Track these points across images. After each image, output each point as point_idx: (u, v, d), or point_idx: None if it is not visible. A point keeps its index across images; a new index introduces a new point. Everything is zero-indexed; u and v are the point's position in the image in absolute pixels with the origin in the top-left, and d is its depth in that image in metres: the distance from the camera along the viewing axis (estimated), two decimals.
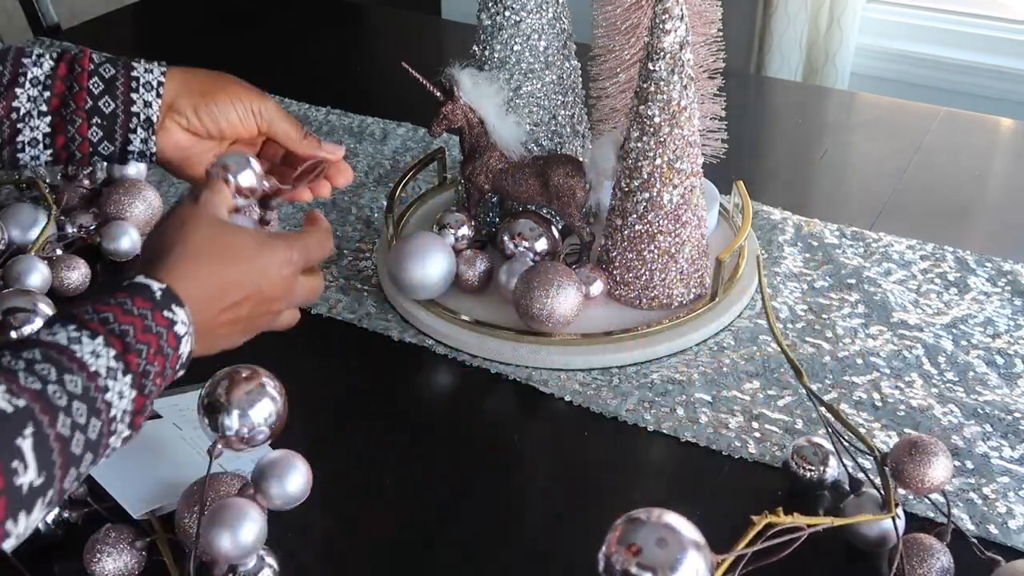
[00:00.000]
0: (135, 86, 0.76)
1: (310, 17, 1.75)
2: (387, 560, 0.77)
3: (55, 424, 0.53)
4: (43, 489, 0.52)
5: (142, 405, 0.59)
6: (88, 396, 0.55)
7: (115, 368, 0.57)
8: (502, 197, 1.04)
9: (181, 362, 0.62)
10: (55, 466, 0.53)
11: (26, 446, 0.51)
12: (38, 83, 0.74)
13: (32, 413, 0.52)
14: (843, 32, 2.05)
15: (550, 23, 0.99)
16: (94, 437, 0.56)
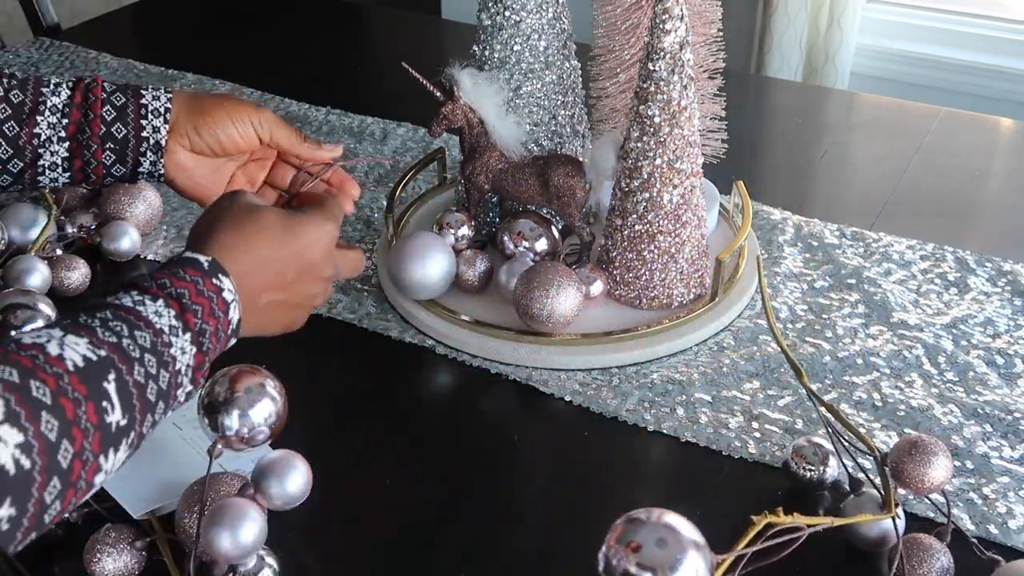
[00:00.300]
0: (144, 112, 0.82)
1: (310, 17, 1.75)
2: (387, 560, 0.77)
3: (132, 372, 0.59)
4: (127, 430, 0.58)
5: (201, 362, 0.65)
6: (156, 350, 0.61)
7: (176, 326, 0.63)
8: (502, 197, 1.04)
9: (232, 328, 0.67)
10: (135, 409, 0.59)
11: (111, 389, 0.57)
12: (56, 111, 0.80)
13: (113, 362, 0.58)
14: (843, 32, 2.05)
15: (550, 23, 0.99)
16: (164, 387, 0.61)
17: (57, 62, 1.56)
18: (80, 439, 0.54)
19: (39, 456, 0.52)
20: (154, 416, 0.61)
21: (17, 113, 0.80)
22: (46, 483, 0.52)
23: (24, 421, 0.51)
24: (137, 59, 1.56)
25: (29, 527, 0.53)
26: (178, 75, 1.51)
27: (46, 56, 1.58)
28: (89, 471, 0.55)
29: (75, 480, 0.54)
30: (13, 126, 0.80)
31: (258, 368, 0.72)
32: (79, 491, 0.56)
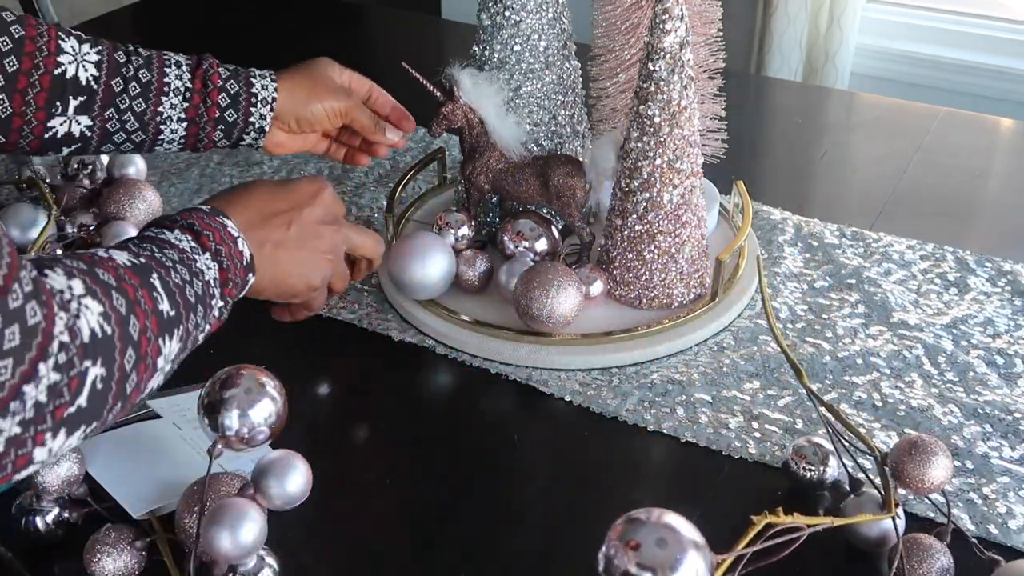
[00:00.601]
0: (254, 101, 0.92)
1: (310, 17, 1.75)
2: (387, 560, 0.77)
3: (170, 275, 0.66)
4: (176, 321, 0.65)
5: (225, 278, 0.72)
6: (185, 263, 0.69)
7: (195, 247, 0.70)
8: (502, 197, 1.04)
9: (246, 260, 0.74)
10: (180, 305, 0.66)
11: (157, 283, 0.64)
12: (179, 93, 0.90)
13: (152, 266, 0.65)
14: (843, 32, 2.05)
15: (550, 23, 0.99)
16: (199, 292, 0.69)
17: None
18: (143, 318, 0.61)
19: (116, 326, 0.58)
20: (195, 317, 0.68)
21: (145, 92, 0.88)
22: (124, 350, 0.58)
23: (100, 295, 0.58)
24: None
25: (116, 392, 0.58)
26: None
27: None
28: (153, 350, 0.62)
29: (144, 355, 0.60)
30: (141, 103, 0.88)
31: (258, 368, 0.72)
32: (148, 368, 0.61)
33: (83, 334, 0.55)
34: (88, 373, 0.55)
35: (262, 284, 0.77)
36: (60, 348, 0.52)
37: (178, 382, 0.76)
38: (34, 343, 0.51)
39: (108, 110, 0.88)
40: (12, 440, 0.51)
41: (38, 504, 0.76)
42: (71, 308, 0.55)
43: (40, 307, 0.52)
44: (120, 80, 0.88)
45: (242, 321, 0.77)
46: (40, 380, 0.51)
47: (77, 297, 0.56)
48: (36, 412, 0.52)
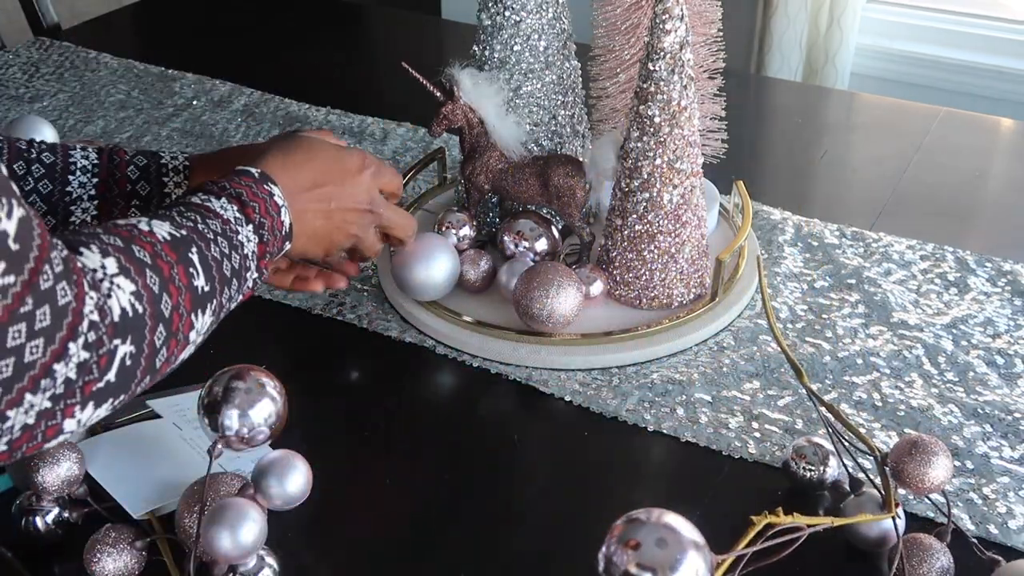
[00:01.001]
0: (165, 171, 0.89)
1: (310, 17, 1.75)
2: (387, 560, 0.77)
3: (209, 249, 0.67)
4: (210, 296, 0.66)
5: (263, 251, 0.73)
6: (226, 234, 0.69)
7: (239, 218, 0.71)
8: (502, 197, 1.04)
9: (284, 230, 0.76)
10: (215, 280, 0.67)
11: (195, 259, 0.65)
12: (86, 171, 0.87)
13: (193, 239, 0.66)
14: (843, 32, 2.05)
15: (550, 23, 0.99)
16: (236, 266, 0.70)
17: (57, 62, 1.56)
18: (176, 295, 0.62)
19: (148, 304, 0.59)
20: (230, 290, 0.69)
21: (50, 172, 0.86)
22: (155, 328, 0.60)
23: (134, 275, 0.59)
24: (137, 59, 1.56)
25: (145, 368, 0.59)
26: (178, 75, 1.51)
27: (46, 56, 1.58)
28: (185, 325, 0.63)
29: (175, 330, 0.62)
30: (47, 184, 0.86)
31: (258, 368, 0.72)
32: (179, 343, 0.63)
33: (114, 313, 0.56)
34: (118, 351, 0.56)
35: (293, 250, 0.80)
36: (90, 327, 0.54)
37: (178, 382, 0.76)
38: (64, 323, 0.52)
39: None
40: (43, 413, 0.53)
41: (38, 504, 0.76)
42: (102, 287, 0.56)
43: (71, 287, 0.53)
44: (22, 163, 0.85)
45: (242, 321, 0.77)
46: (70, 358, 0.53)
47: (110, 276, 0.57)
48: (66, 388, 0.53)
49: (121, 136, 1.36)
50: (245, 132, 1.36)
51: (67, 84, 1.50)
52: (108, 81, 1.50)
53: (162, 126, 1.38)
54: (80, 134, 1.36)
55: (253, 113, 1.41)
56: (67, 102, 1.45)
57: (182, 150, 0.92)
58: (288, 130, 0.88)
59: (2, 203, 0.48)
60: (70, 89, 1.48)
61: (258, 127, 1.37)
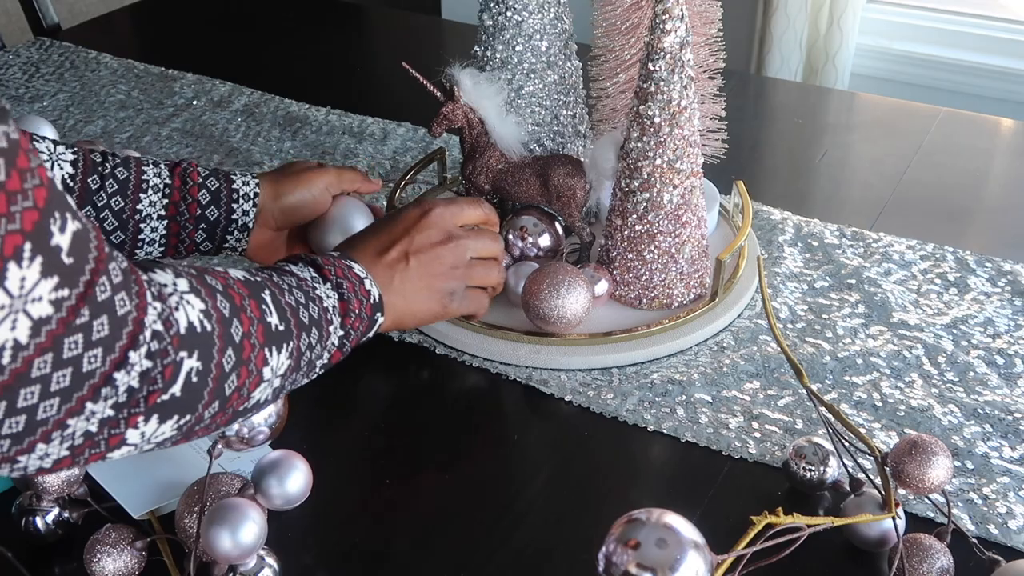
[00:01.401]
0: (236, 197, 0.91)
1: (310, 17, 1.75)
2: (387, 560, 0.77)
3: (283, 296, 0.68)
4: (285, 336, 0.66)
5: (346, 309, 0.74)
6: (303, 288, 0.70)
7: (316, 277, 0.73)
8: (502, 197, 1.04)
9: (373, 300, 0.77)
10: (291, 323, 0.67)
11: (268, 299, 0.66)
12: (158, 190, 0.89)
13: (266, 285, 0.67)
14: (843, 33, 2.05)
15: (551, 23, 0.99)
16: (316, 316, 0.70)
17: (57, 62, 1.56)
18: (247, 324, 0.62)
19: (217, 324, 0.59)
20: (310, 339, 0.69)
21: (123, 188, 0.87)
22: (224, 349, 0.59)
23: (204, 295, 0.59)
24: (137, 59, 1.56)
25: (213, 389, 0.59)
26: (178, 75, 1.51)
27: (46, 56, 1.58)
28: (258, 357, 0.63)
29: (246, 359, 0.61)
30: (119, 200, 0.87)
31: None
32: (251, 375, 0.62)
33: (180, 325, 0.56)
34: (183, 364, 0.56)
35: (397, 319, 0.81)
36: (153, 336, 0.54)
37: None
38: (124, 332, 0.52)
39: (85, 207, 0.86)
40: (105, 422, 0.53)
41: (38, 504, 0.76)
42: (170, 301, 0.56)
43: (130, 297, 0.53)
44: (97, 177, 0.87)
45: None
46: (132, 367, 0.53)
47: (180, 292, 0.58)
48: (129, 397, 0.53)
49: (121, 136, 1.36)
50: (245, 132, 1.36)
51: (67, 84, 1.50)
52: (108, 81, 1.50)
53: (162, 126, 1.38)
54: (80, 134, 1.36)
55: (253, 113, 1.41)
56: (67, 102, 1.45)
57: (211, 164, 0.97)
58: None
59: (55, 217, 0.48)
60: (70, 89, 1.48)
61: (258, 127, 1.37)
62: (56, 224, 0.48)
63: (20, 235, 0.46)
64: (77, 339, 0.49)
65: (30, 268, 0.47)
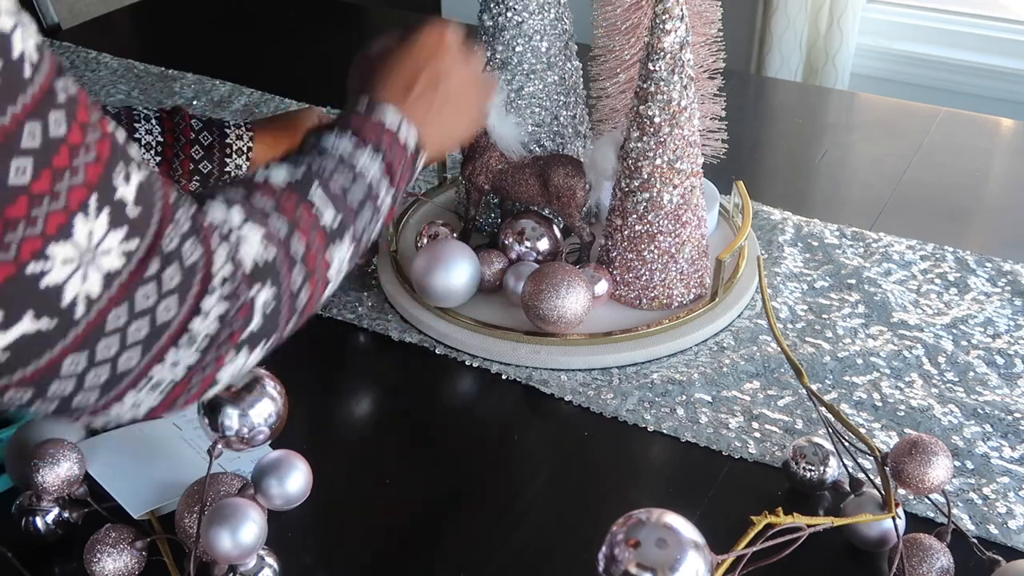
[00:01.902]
0: (229, 152, 0.91)
1: (310, 17, 1.75)
2: (387, 560, 0.77)
3: (329, 185, 0.66)
4: (343, 228, 0.66)
5: (391, 170, 0.72)
6: (345, 168, 0.68)
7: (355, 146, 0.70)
8: (502, 197, 1.04)
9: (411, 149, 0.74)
10: (345, 211, 0.66)
11: (318, 196, 0.64)
12: (150, 148, 0.88)
13: (312, 178, 0.66)
14: (843, 33, 2.05)
15: (552, 24, 0.99)
16: (362, 196, 0.68)
17: None
18: (306, 235, 0.62)
19: (279, 248, 0.59)
20: (364, 218, 0.68)
21: None
22: (291, 269, 0.60)
23: (259, 222, 0.59)
24: (137, 59, 1.56)
25: (289, 310, 0.60)
26: (178, 75, 1.51)
27: None
28: (322, 264, 0.63)
29: (312, 270, 0.62)
30: None
31: (258, 368, 0.72)
32: (319, 282, 0.63)
33: (246, 264, 0.56)
34: (257, 298, 0.57)
35: (437, 149, 0.79)
36: (223, 281, 0.54)
37: None
38: (195, 280, 0.53)
39: None
40: (193, 367, 0.54)
41: (38, 504, 0.76)
42: (231, 239, 0.56)
43: (198, 244, 0.53)
44: None
45: None
46: (208, 313, 0.53)
47: (236, 227, 0.57)
48: (211, 342, 0.54)
49: None
50: None
51: None
52: (108, 81, 1.50)
53: None
54: None
55: (253, 113, 1.41)
56: None
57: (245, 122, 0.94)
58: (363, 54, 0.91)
59: (119, 169, 0.49)
60: None
61: None
62: (120, 175, 0.49)
63: (85, 188, 0.46)
64: (149, 290, 0.50)
65: (97, 220, 0.47)
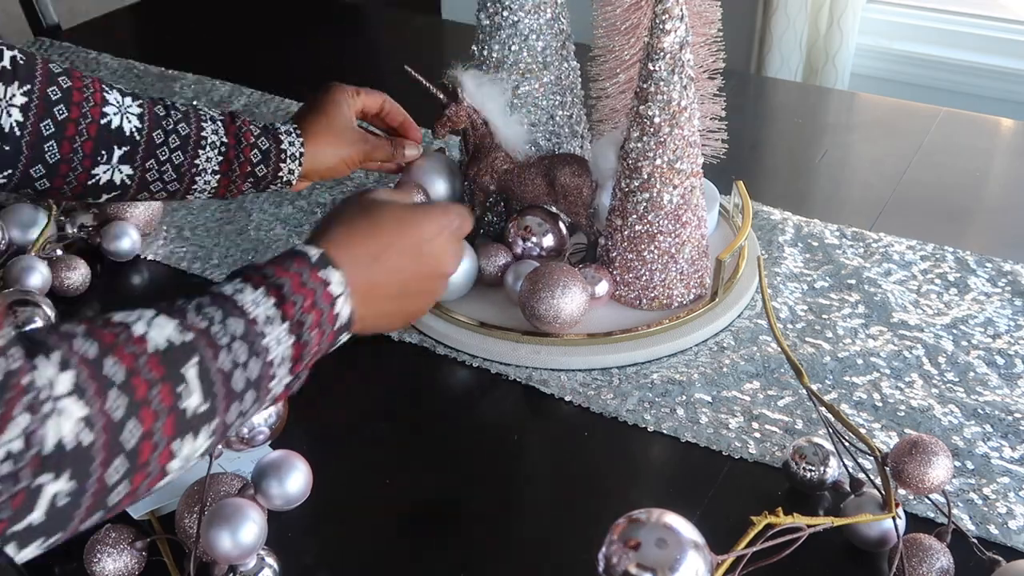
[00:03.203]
0: (283, 158, 0.96)
1: (310, 17, 1.75)
2: (387, 560, 0.77)
3: (217, 359, 0.58)
4: (207, 417, 0.58)
5: (300, 353, 0.64)
6: (248, 339, 0.60)
7: (272, 316, 0.62)
8: (508, 197, 1.04)
9: (340, 322, 0.67)
10: (218, 397, 0.58)
11: (191, 374, 0.56)
12: (215, 147, 0.93)
13: (198, 347, 0.58)
14: (843, 33, 2.05)
15: (548, 23, 0.99)
16: (254, 377, 0.61)
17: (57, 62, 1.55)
18: (150, 421, 0.54)
19: (103, 432, 0.51)
20: (241, 406, 0.60)
21: (184, 144, 0.92)
22: (109, 460, 0.52)
23: (91, 396, 0.51)
24: (137, 59, 1.56)
25: (92, 505, 0.52)
26: (178, 75, 1.51)
27: (46, 56, 1.57)
28: (160, 456, 0.55)
29: (143, 463, 0.54)
30: (180, 155, 0.92)
31: None
32: (151, 476, 0.55)
33: (45, 444, 0.48)
34: (45, 488, 0.49)
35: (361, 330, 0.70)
36: (5, 456, 0.47)
37: None
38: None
39: (149, 160, 0.91)
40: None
41: None
42: (41, 410, 0.49)
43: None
44: (161, 132, 0.91)
45: None
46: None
47: (56, 398, 0.49)
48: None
49: None
50: None
51: None
52: (108, 81, 1.50)
53: None
54: None
55: (253, 113, 1.41)
56: None
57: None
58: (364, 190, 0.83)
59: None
60: None
61: None
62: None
63: None
64: None
65: None
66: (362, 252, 0.69)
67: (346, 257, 0.67)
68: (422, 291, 0.75)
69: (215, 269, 1.09)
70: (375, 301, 0.70)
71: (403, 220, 0.72)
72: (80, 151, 0.88)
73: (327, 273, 0.66)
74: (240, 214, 1.18)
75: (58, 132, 0.86)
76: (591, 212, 1.00)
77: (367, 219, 0.71)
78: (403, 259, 0.72)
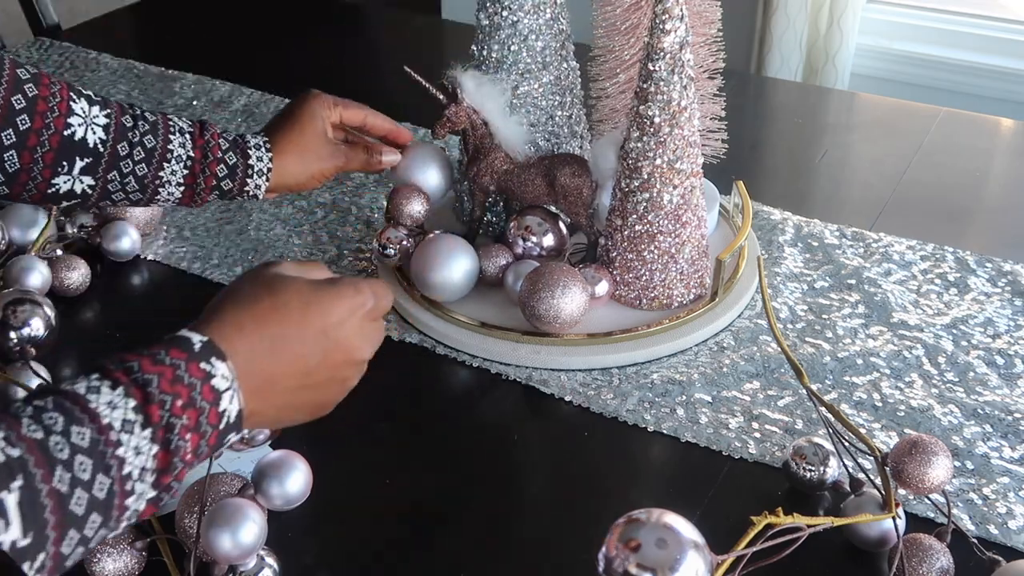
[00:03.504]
0: (250, 173, 0.95)
1: (310, 17, 1.75)
2: (387, 560, 0.77)
3: (50, 479, 0.49)
4: (31, 551, 0.48)
5: (168, 462, 0.55)
6: (96, 450, 0.52)
7: (132, 421, 0.53)
8: (508, 198, 1.04)
9: (227, 421, 0.58)
10: (46, 525, 0.49)
11: (10, 501, 0.47)
12: (180, 161, 0.92)
13: (25, 465, 0.49)
14: (843, 33, 2.05)
15: (548, 24, 0.99)
16: (101, 496, 0.52)
17: (57, 62, 1.56)
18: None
19: None
20: (82, 532, 0.51)
21: (148, 158, 0.91)
22: None
23: None
24: (137, 59, 1.56)
25: None
26: (178, 75, 1.51)
27: (46, 56, 1.58)
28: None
29: None
30: (143, 167, 0.91)
31: None
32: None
33: None
34: None
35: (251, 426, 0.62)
36: None
37: None
38: None
39: (111, 172, 0.90)
40: None
41: None
42: None
43: None
44: (126, 144, 0.90)
45: None
46: None
47: None
48: None
49: None
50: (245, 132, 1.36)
51: None
52: (108, 81, 1.50)
53: None
54: None
55: (253, 113, 1.41)
56: None
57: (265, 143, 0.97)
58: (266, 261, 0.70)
59: None
60: None
61: (258, 127, 1.37)
62: None
63: None
64: None
65: None
66: (257, 338, 0.60)
67: (239, 345, 0.59)
68: (332, 379, 0.65)
69: (215, 269, 1.09)
70: (273, 394, 0.61)
71: (309, 302, 0.63)
72: (41, 161, 0.86)
73: (211, 365, 0.57)
74: (240, 214, 1.18)
75: (19, 142, 0.84)
76: (591, 212, 1.00)
77: (269, 298, 0.62)
78: (306, 346, 0.62)
